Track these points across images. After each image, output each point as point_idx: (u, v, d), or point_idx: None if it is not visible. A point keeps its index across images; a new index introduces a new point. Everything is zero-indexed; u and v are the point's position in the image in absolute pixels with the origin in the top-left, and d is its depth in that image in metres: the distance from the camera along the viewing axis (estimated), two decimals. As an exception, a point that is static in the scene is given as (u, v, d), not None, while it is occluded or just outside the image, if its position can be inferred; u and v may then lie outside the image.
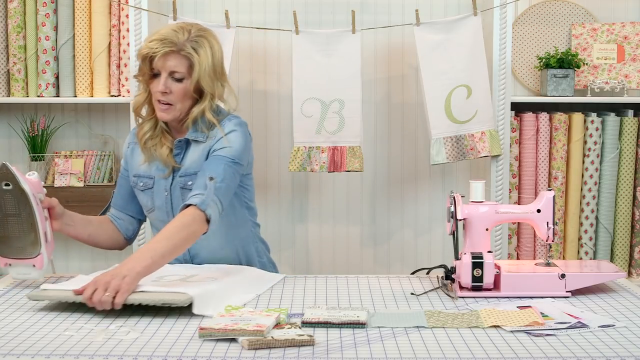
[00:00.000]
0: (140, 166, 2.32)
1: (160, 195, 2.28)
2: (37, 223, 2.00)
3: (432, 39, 3.07)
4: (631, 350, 1.57)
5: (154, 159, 2.28)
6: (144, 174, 2.31)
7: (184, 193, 2.22)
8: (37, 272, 2.04)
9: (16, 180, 1.98)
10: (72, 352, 1.55)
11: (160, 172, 2.28)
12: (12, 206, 2.00)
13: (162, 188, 2.28)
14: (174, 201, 2.26)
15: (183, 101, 2.20)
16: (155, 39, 2.17)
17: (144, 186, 2.31)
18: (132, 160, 2.35)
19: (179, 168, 2.25)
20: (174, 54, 2.16)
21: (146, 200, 2.31)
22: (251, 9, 3.34)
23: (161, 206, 2.28)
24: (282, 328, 1.66)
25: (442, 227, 3.43)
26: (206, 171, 2.15)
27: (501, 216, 2.09)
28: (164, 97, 2.19)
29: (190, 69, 2.18)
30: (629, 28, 3.29)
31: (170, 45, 2.15)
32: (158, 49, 2.15)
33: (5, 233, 2.02)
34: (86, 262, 3.42)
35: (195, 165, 2.22)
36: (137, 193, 2.34)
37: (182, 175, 2.24)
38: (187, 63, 2.17)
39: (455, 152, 3.09)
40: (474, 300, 1.96)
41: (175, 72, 2.17)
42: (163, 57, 2.16)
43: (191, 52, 2.17)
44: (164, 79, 2.17)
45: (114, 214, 2.38)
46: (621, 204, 3.21)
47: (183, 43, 2.16)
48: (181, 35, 2.17)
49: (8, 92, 3.25)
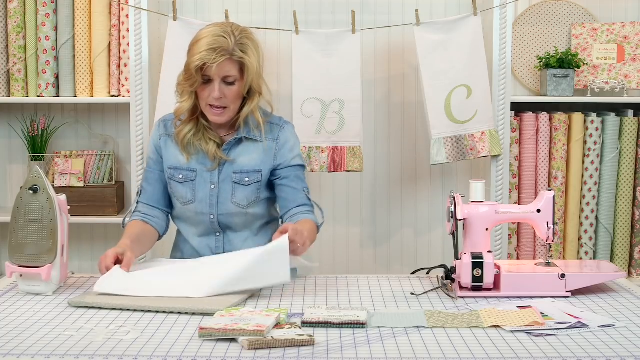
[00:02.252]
0: (176, 158, 2.34)
1: (204, 188, 2.31)
2: (57, 231, 1.98)
3: (432, 39, 3.07)
4: (631, 350, 1.57)
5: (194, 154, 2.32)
6: (183, 167, 2.33)
7: (236, 188, 2.29)
8: (46, 285, 1.99)
9: (45, 185, 1.97)
10: (72, 352, 1.55)
11: (202, 165, 2.31)
12: (35, 212, 1.98)
13: (206, 181, 2.31)
14: (221, 195, 2.30)
15: (235, 103, 2.25)
16: (206, 49, 2.18)
17: (184, 178, 2.32)
18: (166, 152, 2.36)
19: (226, 162, 2.29)
20: (227, 60, 2.20)
21: (185, 192, 2.32)
22: (251, 9, 3.34)
23: (203, 199, 2.31)
24: (282, 328, 1.66)
25: (442, 227, 3.43)
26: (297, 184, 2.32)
27: (501, 216, 2.09)
28: (219, 102, 2.22)
29: (242, 71, 2.22)
30: (629, 28, 3.29)
31: (224, 53, 2.18)
32: (214, 59, 2.17)
33: (22, 239, 1.99)
34: (86, 262, 3.42)
35: (254, 164, 2.30)
36: (173, 185, 2.34)
37: (238, 171, 2.30)
38: (238, 66, 2.21)
39: (455, 152, 3.09)
40: (474, 300, 1.96)
41: (228, 76, 2.21)
42: (218, 65, 2.18)
43: (242, 55, 2.21)
44: (217, 85, 2.21)
45: (148, 213, 2.36)
46: (621, 204, 3.21)
47: (233, 48, 2.20)
48: (229, 40, 2.20)
49: (8, 92, 3.25)
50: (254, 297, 1.99)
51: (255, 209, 2.32)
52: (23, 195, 1.99)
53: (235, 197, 2.30)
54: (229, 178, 2.30)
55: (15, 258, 2.00)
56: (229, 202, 2.30)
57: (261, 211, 2.35)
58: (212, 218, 2.31)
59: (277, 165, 2.31)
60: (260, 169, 2.30)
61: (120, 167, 3.40)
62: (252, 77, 2.23)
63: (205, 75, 2.20)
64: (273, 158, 2.31)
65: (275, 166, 2.31)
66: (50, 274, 1.98)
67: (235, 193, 2.29)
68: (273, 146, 2.32)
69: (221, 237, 2.35)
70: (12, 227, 2.00)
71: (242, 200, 2.30)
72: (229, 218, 2.31)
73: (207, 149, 2.29)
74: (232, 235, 2.34)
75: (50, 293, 2.01)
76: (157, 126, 2.41)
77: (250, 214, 2.32)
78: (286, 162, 2.32)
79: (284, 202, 2.32)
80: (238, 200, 2.30)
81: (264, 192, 2.32)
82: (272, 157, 2.31)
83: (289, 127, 2.37)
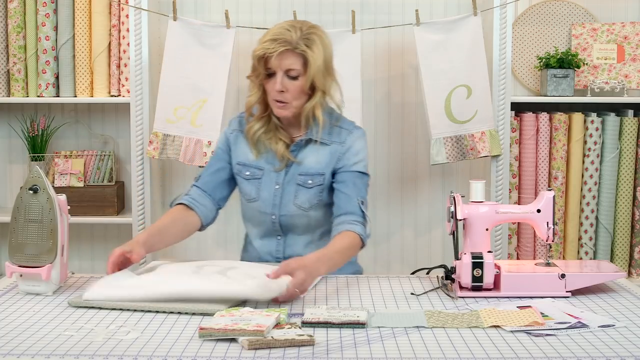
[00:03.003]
0: (245, 155, 2.34)
1: (269, 188, 2.31)
2: (57, 231, 1.98)
3: (432, 39, 3.07)
4: (631, 350, 1.57)
5: (264, 153, 2.32)
6: (251, 164, 2.33)
7: (299, 190, 2.28)
8: (46, 285, 1.99)
9: (45, 185, 1.97)
10: (72, 352, 1.55)
11: (270, 164, 2.31)
12: (35, 212, 1.98)
13: (271, 181, 2.31)
14: (284, 196, 2.30)
15: (298, 98, 2.24)
16: (269, 39, 2.19)
17: (251, 176, 2.32)
18: (235, 148, 2.36)
19: (293, 163, 2.29)
20: (289, 52, 2.19)
21: (250, 190, 2.33)
22: (251, 9, 3.34)
23: (267, 198, 2.31)
24: (282, 328, 1.66)
25: (442, 227, 3.43)
26: (352, 190, 2.26)
27: (501, 216, 2.09)
28: (281, 96, 2.22)
29: (305, 66, 2.20)
30: (629, 28, 3.29)
31: (285, 44, 2.18)
32: (274, 48, 2.17)
33: (23, 239, 1.98)
34: (86, 262, 3.42)
35: (318, 167, 2.28)
36: (239, 181, 2.35)
37: (303, 173, 2.29)
38: (301, 61, 2.20)
39: (455, 152, 3.09)
40: (474, 300, 1.96)
41: (291, 69, 2.20)
42: (279, 56, 2.18)
43: (305, 49, 2.19)
44: (280, 78, 2.20)
45: (197, 199, 2.32)
46: (621, 204, 3.21)
47: (297, 41, 2.19)
48: (294, 33, 2.19)
49: (8, 92, 3.25)
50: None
51: (317, 213, 2.30)
52: (23, 195, 1.99)
53: (298, 199, 2.29)
54: (293, 180, 2.29)
55: (15, 258, 1.99)
56: (291, 203, 2.29)
57: (323, 216, 2.32)
58: (274, 218, 2.31)
59: (338, 169, 2.29)
60: (324, 172, 2.29)
61: (120, 167, 3.40)
62: (314, 73, 2.20)
63: (269, 68, 2.21)
64: (336, 161, 2.29)
65: (336, 169, 2.29)
66: (50, 274, 1.98)
67: (298, 195, 2.28)
68: (339, 149, 2.29)
69: (282, 240, 2.34)
70: (12, 227, 2.00)
71: (304, 202, 2.29)
72: (290, 220, 2.30)
73: (276, 148, 2.29)
74: (293, 239, 2.33)
75: (50, 293, 2.00)
76: (233, 121, 2.41)
77: (312, 218, 2.31)
78: (347, 166, 2.29)
79: (335, 207, 2.28)
80: (300, 203, 2.29)
81: (326, 196, 2.30)
82: (336, 160, 2.29)
83: (358, 133, 2.34)
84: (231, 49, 3.06)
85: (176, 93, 3.07)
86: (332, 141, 2.30)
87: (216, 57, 3.06)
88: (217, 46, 3.07)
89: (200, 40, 3.07)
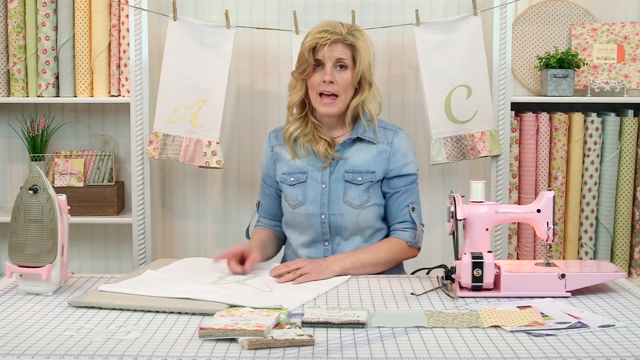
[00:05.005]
0: (288, 163, 2.37)
1: (315, 188, 2.33)
2: (57, 231, 1.98)
3: (432, 39, 3.07)
4: (631, 350, 1.57)
5: (304, 155, 2.35)
6: (295, 170, 2.36)
7: (348, 186, 2.31)
8: (46, 285, 1.99)
9: (45, 185, 1.97)
10: (72, 352, 1.55)
11: (313, 165, 2.34)
12: (35, 212, 1.98)
13: (317, 181, 2.33)
14: (332, 194, 2.31)
15: (347, 92, 2.29)
16: (320, 30, 2.28)
17: (296, 180, 2.35)
18: (279, 162, 2.41)
19: (339, 161, 2.32)
20: (339, 43, 2.28)
21: (296, 194, 2.34)
22: (251, 9, 3.34)
23: (315, 198, 2.32)
24: (282, 328, 1.66)
25: (442, 227, 3.42)
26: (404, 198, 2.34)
27: (501, 216, 2.09)
28: (329, 87, 2.27)
29: (353, 60, 2.28)
30: (629, 28, 3.29)
31: (336, 35, 2.26)
32: (326, 37, 2.25)
33: (23, 239, 1.98)
34: (86, 262, 3.42)
35: (367, 165, 2.32)
36: (284, 189, 2.38)
37: (350, 170, 2.32)
38: (350, 53, 2.28)
39: (456, 152, 3.09)
40: (474, 300, 1.96)
41: (341, 59, 2.27)
42: (330, 46, 2.26)
43: (354, 40, 2.28)
44: (329, 69, 2.27)
45: (270, 224, 2.50)
46: (621, 204, 3.21)
47: (345, 34, 2.28)
48: (340, 27, 2.29)
49: (8, 92, 3.25)
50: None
51: (366, 212, 2.31)
52: (23, 195, 1.99)
53: (347, 196, 2.30)
54: (340, 177, 2.31)
55: (15, 258, 1.99)
56: (341, 200, 2.30)
57: (372, 217, 2.33)
58: (324, 218, 2.31)
59: (390, 171, 2.33)
60: (374, 170, 2.32)
61: (120, 167, 3.40)
62: (364, 65, 2.28)
63: (318, 60, 2.27)
64: (387, 161, 2.33)
65: (388, 171, 2.33)
66: (50, 274, 1.98)
67: (347, 192, 2.30)
68: (387, 149, 2.34)
69: (330, 246, 2.34)
70: (12, 227, 2.00)
71: (354, 199, 2.30)
72: (339, 219, 2.31)
73: (317, 148, 2.32)
74: (341, 245, 2.33)
75: (50, 293, 2.00)
76: (267, 140, 2.46)
77: (362, 217, 2.31)
78: (398, 168, 2.34)
79: (388, 215, 2.37)
80: (350, 199, 2.30)
81: (374, 194, 2.33)
82: (386, 161, 2.33)
83: (403, 134, 2.40)
84: (231, 49, 3.06)
85: (176, 93, 3.07)
86: (379, 140, 2.34)
87: (216, 57, 3.06)
88: (217, 46, 3.07)
89: (200, 40, 3.07)
